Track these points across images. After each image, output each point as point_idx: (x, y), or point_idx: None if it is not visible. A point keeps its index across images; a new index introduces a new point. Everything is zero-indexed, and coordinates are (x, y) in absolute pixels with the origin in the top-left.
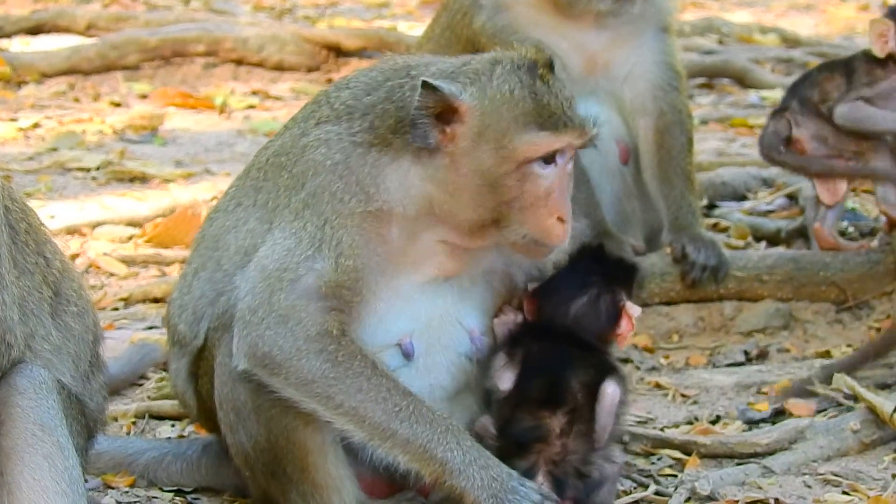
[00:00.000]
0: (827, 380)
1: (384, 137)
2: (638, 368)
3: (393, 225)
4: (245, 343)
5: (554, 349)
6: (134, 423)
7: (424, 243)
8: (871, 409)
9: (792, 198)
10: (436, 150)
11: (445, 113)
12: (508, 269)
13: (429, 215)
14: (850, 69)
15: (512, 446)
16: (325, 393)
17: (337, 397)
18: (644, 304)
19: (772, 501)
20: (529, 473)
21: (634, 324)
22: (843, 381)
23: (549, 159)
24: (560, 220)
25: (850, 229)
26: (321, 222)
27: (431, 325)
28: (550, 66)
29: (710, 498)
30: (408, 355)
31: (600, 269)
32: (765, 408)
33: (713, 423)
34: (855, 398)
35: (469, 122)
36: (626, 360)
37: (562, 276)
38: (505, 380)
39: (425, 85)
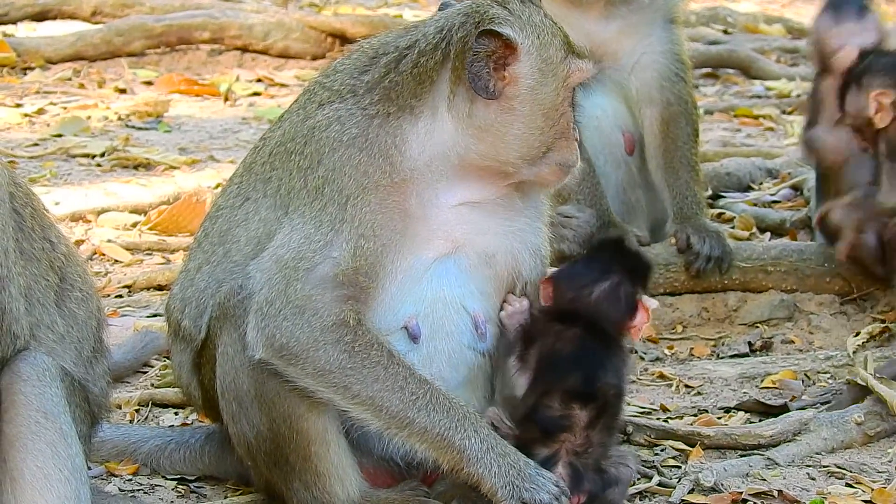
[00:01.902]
0: None
1: (404, 105)
2: (642, 359)
3: (413, 195)
4: (263, 334)
5: (580, 343)
6: (137, 410)
7: (442, 210)
8: (882, 401)
9: (797, 188)
10: (483, 98)
11: (501, 57)
12: (512, 252)
13: (455, 172)
14: None
15: (535, 433)
16: (342, 383)
17: (354, 387)
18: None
19: (775, 493)
20: (550, 461)
21: (649, 315)
22: (858, 373)
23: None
24: (575, 139)
25: None
26: (343, 200)
27: (436, 307)
28: None
29: (713, 489)
30: (415, 337)
31: (622, 259)
32: None
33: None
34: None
35: (526, 59)
36: (632, 351)
37: (584, 263)
38: (519, 387)
39: (486, 33)
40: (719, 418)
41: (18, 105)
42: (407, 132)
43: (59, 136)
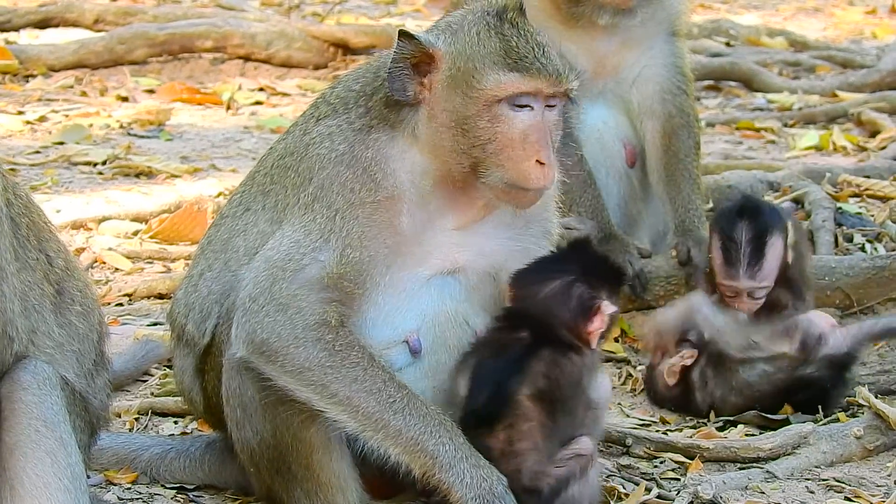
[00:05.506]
0: None
1: (381, 115)
2: (635, 367)
3: (404, 213)
4: (244, 330)
5: (507, 353)
6: (137, 419)
7: (437, 233)
8: (883, 418)
9: (798, 202)
10: (417, 106)
11: (422, 64)
12: (517, 267)
13: (443, 190)
14: None
15: None
16: (320, 381)
17: (332, 386)
18: (648, 307)
19: None
20: None
21: (606, 321)
22: (861, 393)
23: (520, 103)
24: (539, 163)
25: (858, 236)
26: (332, 213)
27: (437, 322)
28: (520, 9)
29: (712, 502)
30: (415, 352)
31: (582, 260)
32: None
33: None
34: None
35: (444, 68)
36: (626, 361)
37: (540, 262)
38: (461, 387)
39: (402, 34)
40: (719, 430)
41: (20, 112)
42: (385, 145)
43: (61, 143)
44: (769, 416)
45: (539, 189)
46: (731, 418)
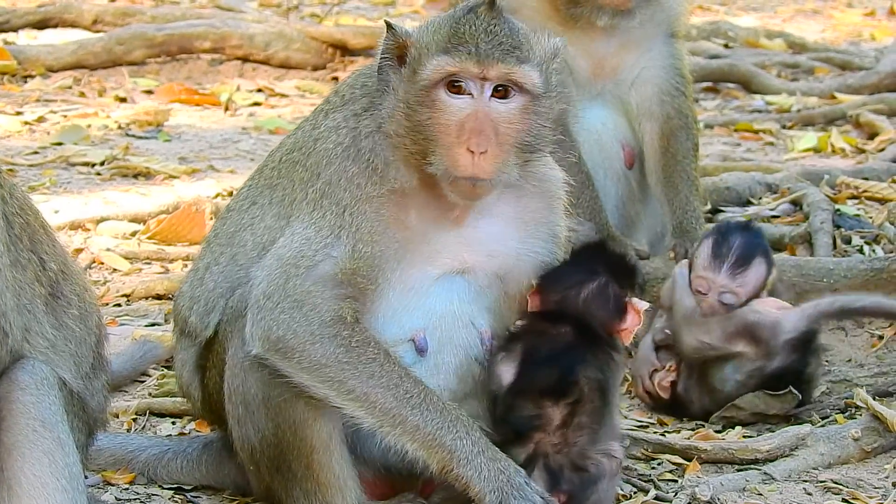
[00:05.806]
0: None
1: (374, 105)
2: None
3: (412, 209)
4: (259, 328)
5: (564, 340)
6: (135, 419)
7: (442, 231)
8: (881, 420)
9: (796, 204)
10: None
11: (402, 55)
12: (525, 273)
13: (425, 185)
14: None
15: (510, 434)
16: (337, 377)
17: (349, 382)
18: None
19: None
20: (527, 463)
21: (642, 317)
22: (859, 395)
23: (455, 87)
24: (469, 151)
25: (856, 238)
26: (340, 210)
27: (444, 322)
28: (491, 3)
29: None
30: (421, 351)
31: (605, 261)
32: None
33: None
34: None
35: (408, 57)
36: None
37: (569, 266)
38: (506, 373)
39: (387, 26)
40: (717, 431)
41: (19, 113)
42: (377, 134)
43: (60, 144)
44: (773, 392)
45: (470, 178)
46: (737, 402)
